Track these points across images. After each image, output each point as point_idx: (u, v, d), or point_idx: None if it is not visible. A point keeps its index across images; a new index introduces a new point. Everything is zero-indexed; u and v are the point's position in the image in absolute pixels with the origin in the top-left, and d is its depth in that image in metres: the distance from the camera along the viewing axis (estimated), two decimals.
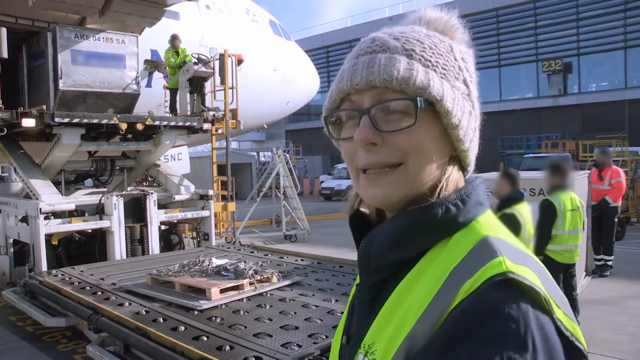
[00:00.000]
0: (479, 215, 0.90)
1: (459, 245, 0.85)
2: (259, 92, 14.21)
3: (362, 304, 0.96)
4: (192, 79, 10.48)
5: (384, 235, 0.91)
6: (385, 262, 0.91)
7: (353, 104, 0.92)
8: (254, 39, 14.68)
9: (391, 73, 0.87)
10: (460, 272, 0.79)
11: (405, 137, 0.88)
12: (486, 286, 0.75)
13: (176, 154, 13.39)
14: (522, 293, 0.75)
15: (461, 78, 0.94)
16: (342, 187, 30.34)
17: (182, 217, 9.58)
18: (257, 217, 16.85)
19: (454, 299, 0.77)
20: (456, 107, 0.90)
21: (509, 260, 0.78)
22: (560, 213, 6.04)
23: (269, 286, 5.86)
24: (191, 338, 4.41)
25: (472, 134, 0.95)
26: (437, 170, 0.91)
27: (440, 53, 0.92)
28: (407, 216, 0.89)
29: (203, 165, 22.62)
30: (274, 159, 16.48)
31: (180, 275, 5.98)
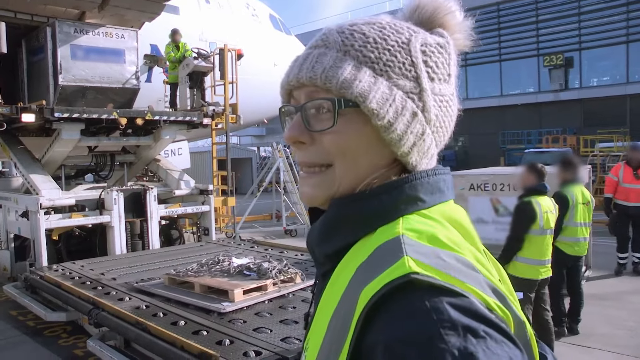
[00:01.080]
0: (415, 212, 0.83)
1: (374, 242, 0.79)
2: (259, 87, 14.19)
3: (318, 292, 0.92)
4: (192, 74, 10.47)
5: (316, 228, 0.91)
6: (321, 254, 0.89)
7: (295, 100, 0.91)
8: (254, 33, 14.66)
9: (316, 71, 0.84)
10: (361, 275, 0.74)
11: (330, 138, 0.85)
12: (388, 293, 0.68)
13: (176, 149, 13.39)
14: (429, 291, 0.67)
15: (412, 75, 0.86)
16: None
17: (182, 212, 9.58)
18: (257, 212, 16.85)
19: (355, 309, 0.70)
20: (387, 107, 0.83)
21: (416, 259, 0.70)
22: (572, 205, 6.14)
23: (293, 286, 5.55)
24: (191, 333, 4.42)
25: (416, 138, 0.86)
26: (367, 173, 0.86)
27: (387, 47, 0.85)
28: (332, 209, 0.87)
29: (203, 160, 22.61)
30: (274, 153, 16.46)
31: (200, 275, 5.67)
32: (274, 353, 3.93)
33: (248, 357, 3.91)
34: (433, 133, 0.89)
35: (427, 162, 0.90)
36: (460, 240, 0.80)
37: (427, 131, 0.87)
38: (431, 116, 0.87)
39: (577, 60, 35.77)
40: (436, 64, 0.88)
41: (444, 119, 0.90)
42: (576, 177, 6.40)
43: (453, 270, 0.70)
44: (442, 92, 0.89)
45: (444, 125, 0.90)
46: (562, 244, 6.19)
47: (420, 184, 0.85)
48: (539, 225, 5.24)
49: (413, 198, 0.84)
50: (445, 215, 0.84)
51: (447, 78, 0.90)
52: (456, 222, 0.84)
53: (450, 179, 0.92)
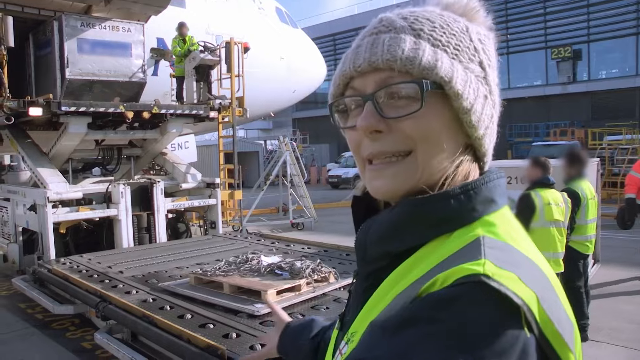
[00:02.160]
0: (489, 214, 0.83)
1: (454, 243, 0.78)
2: (265, 80, 14.18)
3: (357, 292, 0.92)
4: (199, 67, 10.46)
5: (380, 225, 0.87)
6: (381, 252, 0.86)
7: (356, 90, 0.87)
8: (260, 26, 14.63)
9: (395, 53, 0.81)
10: (440, 267, 0.73)
11: (412, 123, 0.82)
12: (456, 284, 0.68)
13: (183, 143, 13.41)
14: (492, 300, 0.67)
15: (477, 60, 0.87)
16: (349, 175, 30.32)
17: (189, 206, 9.60)
18: (264, 205, 16.87)
19: (422, 287, 0.71)
20: (468, 89, 0.83)
21: (492, 263, 0.70)
22: (584, 202, 5.92)
23: (327, 286, 5.23)
24: (198, 326, 4.42)
25: (488, 121, 0.88)
26: (448, 160, 0.84)
27: (453, 32, 0.85)
28: (404, 207, 0.84)
29: (210, 154, 22.66)
30: (281, 147, 16.46)
31: (229, 275, 5.35)
32: None
33: (254, 350, 3.91)
34: (497, 118, 0.91)
35: (492, 149, 0.91)
36: (530, 243, 0.83)
37: (495, 115, 0.90)
38: (495, 100, 0.90)
39: (586, 52, 35.54)
40: (489, 52, 0.90)
41: (498, 106, 0.92)
42: (583, 172, 6.17)
43: (524, 277, 0.71)
44: (495, 79, 0.90)
45: (498, 112, 0.92)
46: (576, 244, 5.98)
47: (494, 186, 0.86)
48: (538, 217, 5.19)
49: (489, 200, 0.84)
50: (510, 217, 0.86)
51: (495, 67, 0.91)
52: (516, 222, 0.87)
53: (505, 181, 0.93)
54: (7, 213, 9.49)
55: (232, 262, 5.80)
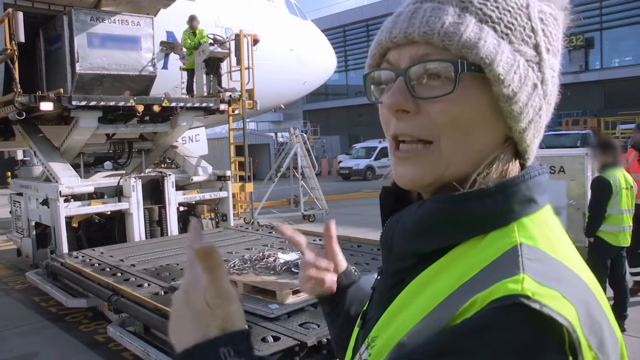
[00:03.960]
0: (527, 215, 0.75)
1: (487, 250, 0.71)
2: (275, 72, 14.15)
3: (382, 289, 0.86)
4: (208, 60, 10.46)
5: (408, 222, 0.80)
6: (407, 251, 0.80)
7: (391, 64, 0.79)
8: (270, 18, 14.59)
9: (433, 25, 0.73)
10: (476, 282, 0.67)
11: (441, 107, 0.74)
12: (491, 308, 0.62)
13: (194, 135, 13.41)
14: (535, 322, 0.61)
15: (532, 42, 0.76)
16: (360, 166, 30.26)
17: (200, 198, 9.62)
18: (275, 197, 16.89)
19: (457, 311, 0.65)
20: (512, 74, 0.74)
21: (532, 279, 0.64)
22: (616, 191, 5.72)
23: None
24: None
25: (534, 113, 0.77)
26: (480, 153, 0.76)
27: (508, 9, 0.75)
28: (433, 204, 0.77)
29: (221, 147, 22.69)
30: (292, 139, 16.44)
31: (244, 273, 5.21)
32: (293, 338, 3.93)
33: (266, 342, 3.91)
34: (546, 111, 0.80)
35: (537, 145, 0.82)
36: (571, 249, 0.76)
37: (543, 107, 0.79)
38: (548, 90, 0.79)
39: (598, 40, 35.11)
40: (552, 34, 0.79)
41: (552, 98, 0.81)
42: (617, 160, 5.91)
43: (567, 293, 0.64)
44: (554, 66, 0.80)
45: (552, 104, 0.81)
46: (606, 234, 5.79)
47: (534, 183, 0.77)
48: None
49: (528, 199, 0.76)
50: (551, 218, 0.79)
51: (557, 52, 0.81)
52: (558, 224, 0.79)
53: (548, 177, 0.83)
54: (20, 207, 9.56)
55: (248, 259, 5.68)
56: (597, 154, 6.06)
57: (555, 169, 7.37)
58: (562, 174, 7.38)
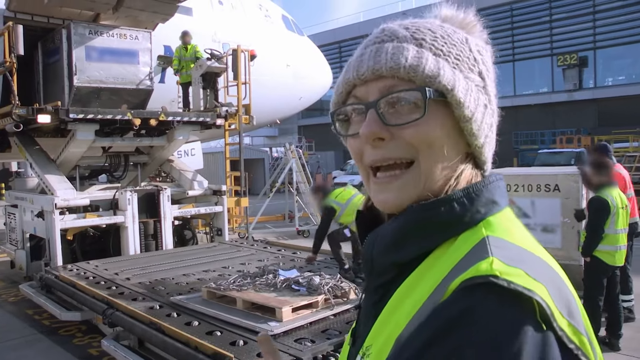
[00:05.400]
0: (491, 215, 0.83)
1: (461, 247, 0.78)
2: (271, 88, 14.22)
3: (367, 306, 0.91)
4: (205, 75, 10.51)
5: (386, 236, 0.86)
6: (388, 263, 0.85)
7: (358, 99, 0.88)
8: (267, 34, 14.69)
9: (398, 61, 0.82)
10: (452, 275, 0.73)
11: (414, 130, 0.82)
12: (462, 288, 0.69)
13: (189, 150, 13.46)
14: (506, 298, 0.68)
15: (476, 70, 0.87)
16: (354, 182, 30.20)
17: (196, 213, 9.62)
18: (270, 212, 16.85)
19: (440, 299, 0.72)
20: (469, 98, 0.84)
21: (500, 261, 0.71)
22: (613, 211, 5.73)
23: (347, 304, 4.98)
24: (205, 333, 4.43)
25: (488, 129, 0.88)
26: (450, 168, 0.85)
27: (454, 43, 0.86)
28: (409, 215, 0.83)
29: (216, 161, 22.70)
30: (287, 154, 16.47)
31: (244, 290, 5.16)
32: (288, 354, 3.94)
33: (262, 358, 3.91)
34: (495, 126, 0.91)
35: (491, 156, 0.92)
36: (534, 240, 0.83)
37: (494, 124, 0.90)
38: (495, 109, 0.90)
39: (592, 59, 35.43)
40: (487, 63, 0.90)
41: (496, 116, 0.92)
42: (611, 180, 5.94)
43: (531, 272, 0.71)
44: (494, 90, 0.91)
45: (497, 120, 0.92)
46: (603, 254, 5.81)
47: (495, 187, 0.86)
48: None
49: (491, 201, 0.84)
50: (512, 216, 0.87)
51: (493, 78, 0.91)
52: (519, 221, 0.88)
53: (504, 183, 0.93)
54: (15, 219, 9.54)
55: (248, 275, 5.66)
56: (592, 173, 6.08)
57: (550, 187, 7.39)
58: (557, 192, 7.39)
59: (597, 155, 6.71)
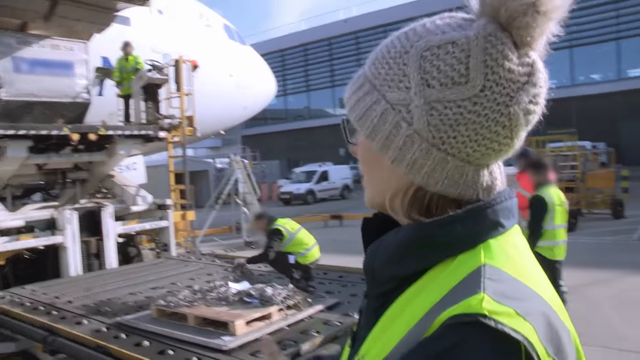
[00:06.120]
0: (493, 237, 0.81)
1: (457, 271, 0.78)
2: (215, 98, 14.03)
3: (368, 311, 0.92)
4: (146, 86, 10.19)
5: (386, 248, 0.86)
6: (387, 275, 0.86)
7: None
8: (209, 43, 14.49)
9: (346, 93, 0.91)
10: (444, 302, 0.73)
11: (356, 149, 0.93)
12: (449, 324, 0.70)
13: (131, 164, 13.02)
14: (492, 339, 0.68)
15: (404, 85, 0.81)
16: (301, 191, 30.29)
17: (140, 229, 9.27)
18: (216, 225, 16.59)
19: (427, 330, 0.72)
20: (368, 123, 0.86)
21: (490, 298, 0.71)
22: (551, 208, 6.11)
23: (300, 314, 4.93)
24: (157, 352, 4.21)
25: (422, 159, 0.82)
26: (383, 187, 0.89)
27: (387, 61, 0.84)
28: (408, 231, 0.84)
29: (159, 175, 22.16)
30: (232, 165, 16.24)
31: (195, 305, 5.00)
32: None
33: None
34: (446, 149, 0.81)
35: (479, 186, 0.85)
36: (534, 267, 0.85)
37: (432, 150, 0.81)
38: (421, 127, 0.80)
39: None
40: (438, 67, 0.78)
41: (458, 128, 0.79)
42: (549, 179, 6.35)
43: (523, 310, 0.71)
44: (448, 97, 0.78)
45: (466, 134, 0.79)
46: (544, 249, 6.14)
47: (502, 208, 0.84)
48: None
49: (494, 223, 0.82)
50: (517, 239, 0.86)
51: (460, 80, 0.77)
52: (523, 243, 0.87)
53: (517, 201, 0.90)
54: None
55: (198, 290, 5.48)
56: (531, 174, 6.45)
57: None
58: None
59: (524, 159, 6.96)
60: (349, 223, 18.33)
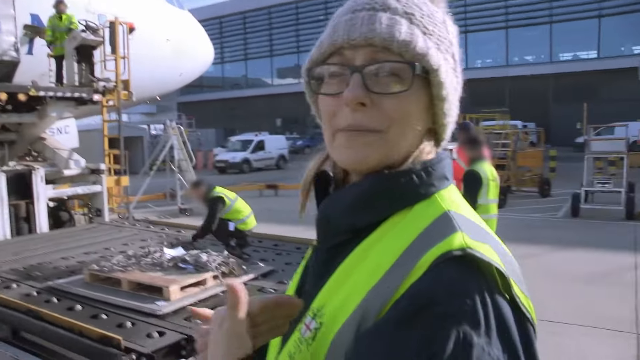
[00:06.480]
0: (442, 189, 0.89)
1: (420, 217, 0.83)
2: (150, 63, 13.71)
3: (316, 265, 0.94)
4: (80, 48, 9.88)
5: (346, 198, 0.90)
6: (344, 225, 0.89)
7: (344, 59, 0.88)
8: (146, 6, 14.10)
9: (393, 34, 0.84)
10: (419, 245, 0.78)
11: (395, 102, 0.85)
12: (443, 261, 0.74)
13: (63, 127, 12.64)
14: (479, 270, 0.75)
15: (451, 52, 0.91)
16: (236, 159, 30.12)
17: (73, 193, 9.10)
18: (151, 191, 16.36)
19: (411, 272, 0.75)
20: (448, 80, 0.88)
21: (468, 236, 0.77)
22: (485, 182, 6.21)
23: (236, 279, 4.79)
24: (89, 317, 4.23)
25: (454, 110, 0.93)
26: (415, 141, 0.89)
27: (436, 23, 0.89)
28: (371, 181, 0.87)
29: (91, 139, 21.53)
30: (168, 131, 16.01)
31: (129, 270, 4.94)
32: (179, 333, 3.88)
33: (151, 338, 3.83)
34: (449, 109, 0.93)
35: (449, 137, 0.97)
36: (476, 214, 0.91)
37: (457, 104, 0.94)
38: (460, 91, 0.95)
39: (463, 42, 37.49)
40: (457, 44, 0.94)
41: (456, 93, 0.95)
42: (483, 155, 6.46)
43: (492, 246, 0.80)
44: (461, 71, 0.95)
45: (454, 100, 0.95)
46: None
47: (446, 164, 0.92)
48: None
49: (443, 177, 0.90)
50: (458, 193, 0.93)
51: (460, 59, 0.95)
52: None
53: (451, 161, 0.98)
54: None
55: (133, 255, 5.44)
56: (466, 150, 6.56)
57: None
58: None
59: (464, 133, 7.23)
60: (284, 193, 18.44)
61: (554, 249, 10.28)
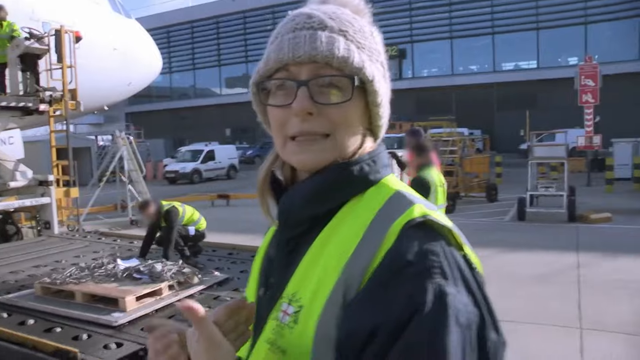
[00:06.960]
0: (386, 176, 1.02)
1: (374, 199, 0.96)
2: (98, 72, 13.42)
3: (280, 257, 1.03)
4: (24, 56, 9.65)
5: (306, 190, 0.99)
6: (305, 216, 0.99)
7: (290, 74, 0.97)
8: (92, 15, 13.83)
9: (332, 51, 0.94)
10: (382, 220, 0.90)
11: (337, 110, 0.96)
12: (409, 227, 0.87)
13: (7, 138, 12.26)
14: (439, 232, 0.89)
15: (380, 60, 1.03)
16: (186, 170, 29.76)
17: (19, 206, 8.85)
18: (101, 203, 16.01)
19: (383, 242, 0.87)
20: (381, 87, 1.01)
21: (424, 207, 0.92)
22: (433, 188, 6.24)
23: (192, 288, 5.01)
24: (43, 330, 4.14)
25: (387, 112, 1.06)
26: (358, 140, 1.01)
27: (367, 36, 1.01)
28: (328, 173, 0.98)
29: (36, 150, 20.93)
30: (117, 142, 15.72)
31: (82, 282, 4.87)
32: (137, 343, 3.85)
33: (109, 349, 3.79)
34: None
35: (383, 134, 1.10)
36: None
37: (389, 106, 1.07)
38: (389, 94, 1.07)
39: (410, 52, 38.30)
40: (383, 53, 1.07)
41: None
42: (430, 161, 6.55)
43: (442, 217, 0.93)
44: (389, 78, 1.07)
45: None
46: None
47: (385, 154, 1.07)
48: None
49: (385, 165, 1.04)
50: None
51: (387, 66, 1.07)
52: None
53: None
54: None
55: (86, 267, 5.34)
56: (413, 156, 6.70)
57: None
58: None
59: (414, 139, 7.39)
60: (236, 203, 18.33)
61: (503, 251, 10.56)
